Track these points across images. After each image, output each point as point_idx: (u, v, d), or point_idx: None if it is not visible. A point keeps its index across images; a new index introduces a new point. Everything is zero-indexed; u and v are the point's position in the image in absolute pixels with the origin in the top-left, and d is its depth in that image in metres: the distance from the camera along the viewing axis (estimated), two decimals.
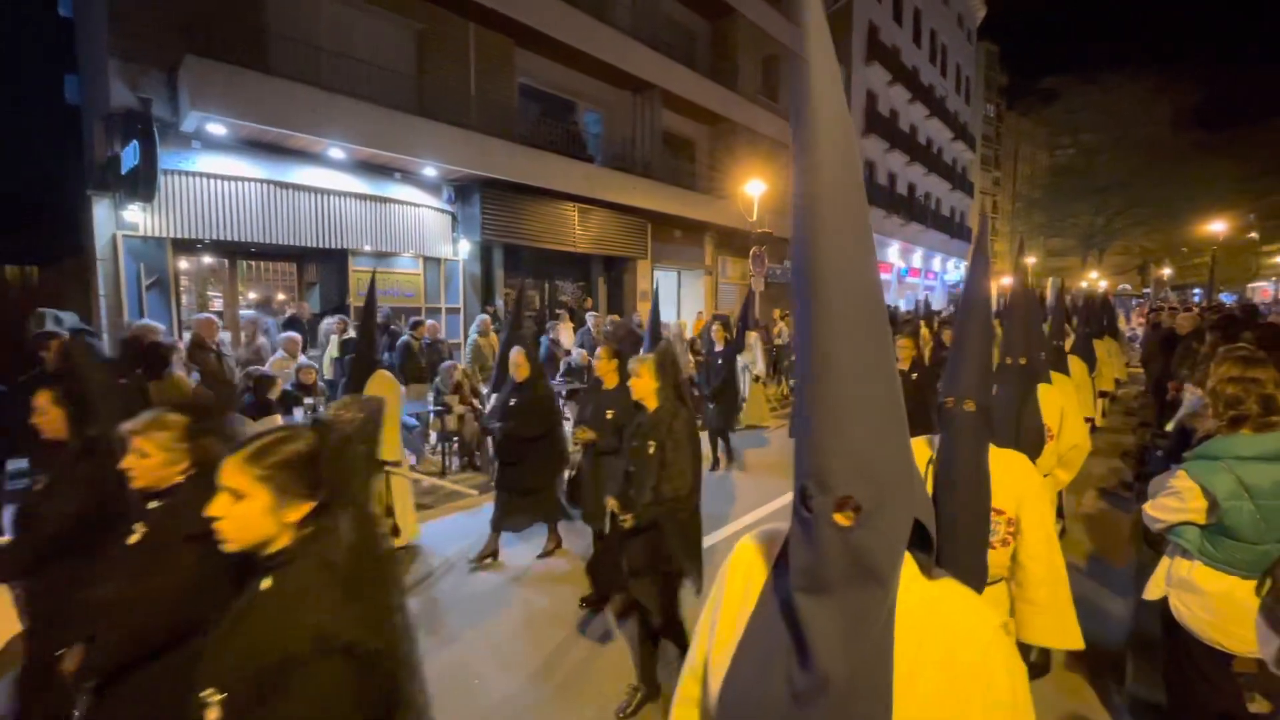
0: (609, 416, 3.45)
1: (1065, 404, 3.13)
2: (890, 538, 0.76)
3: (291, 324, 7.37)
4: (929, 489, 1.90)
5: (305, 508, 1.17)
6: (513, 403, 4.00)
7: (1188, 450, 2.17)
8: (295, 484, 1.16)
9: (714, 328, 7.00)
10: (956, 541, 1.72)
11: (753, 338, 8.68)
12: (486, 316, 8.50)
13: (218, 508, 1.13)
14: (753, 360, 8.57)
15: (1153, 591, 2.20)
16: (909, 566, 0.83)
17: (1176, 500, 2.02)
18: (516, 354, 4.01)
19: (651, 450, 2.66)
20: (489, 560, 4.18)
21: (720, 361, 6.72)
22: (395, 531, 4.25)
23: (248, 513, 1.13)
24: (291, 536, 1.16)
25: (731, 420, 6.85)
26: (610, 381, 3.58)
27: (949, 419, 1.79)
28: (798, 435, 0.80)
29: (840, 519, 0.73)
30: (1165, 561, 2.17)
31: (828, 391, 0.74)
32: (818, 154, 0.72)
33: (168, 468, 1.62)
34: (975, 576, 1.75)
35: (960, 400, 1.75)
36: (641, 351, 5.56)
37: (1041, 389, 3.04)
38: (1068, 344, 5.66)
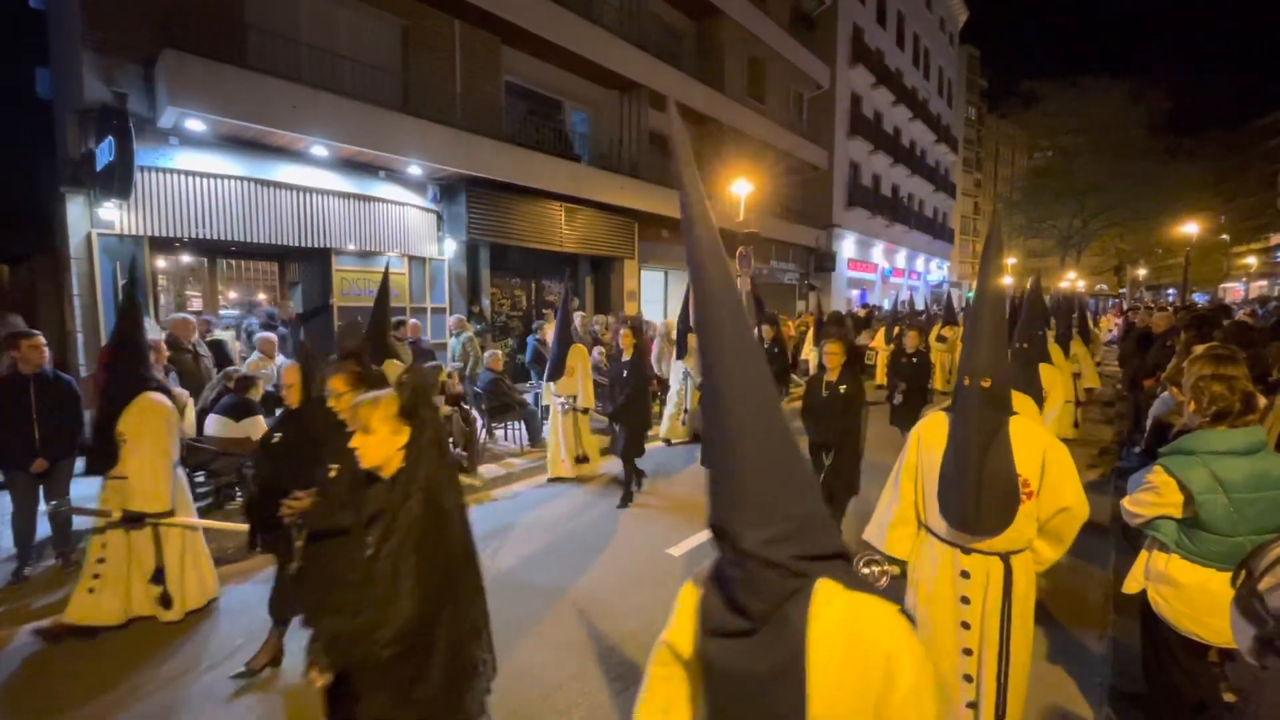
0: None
1: (1048, 449, 2.02)
2: (776, 576, 0.93)
3: (268, 325, 7.25)
4: (948, 457, 2.08)
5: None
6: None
7: (1163, 446, 2.22)
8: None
9: (622, 332, 5.75)
10: (980, 499, 1.92)
11: (694, 342, 8.20)
12: (461, 316, 8.45)
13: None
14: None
15: (1131, 585, 2.25)
16: (828, 587, 0.94)
17: (1154, 495, 2.07)
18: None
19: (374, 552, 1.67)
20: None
21: (626, 373, 5.57)
22: (166, 603, 3.39)
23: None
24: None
25: (636, 447, 5.61)
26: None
27: (966, 395, 1.95)
28: (709, 472, 1.00)
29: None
30: (1143, 555, 2.22)
31: (729, 451, 0.94)
32: (702, 266, 1.00)
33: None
34: (1000, 527, 1.96)
35: (976, 379, 1.92)
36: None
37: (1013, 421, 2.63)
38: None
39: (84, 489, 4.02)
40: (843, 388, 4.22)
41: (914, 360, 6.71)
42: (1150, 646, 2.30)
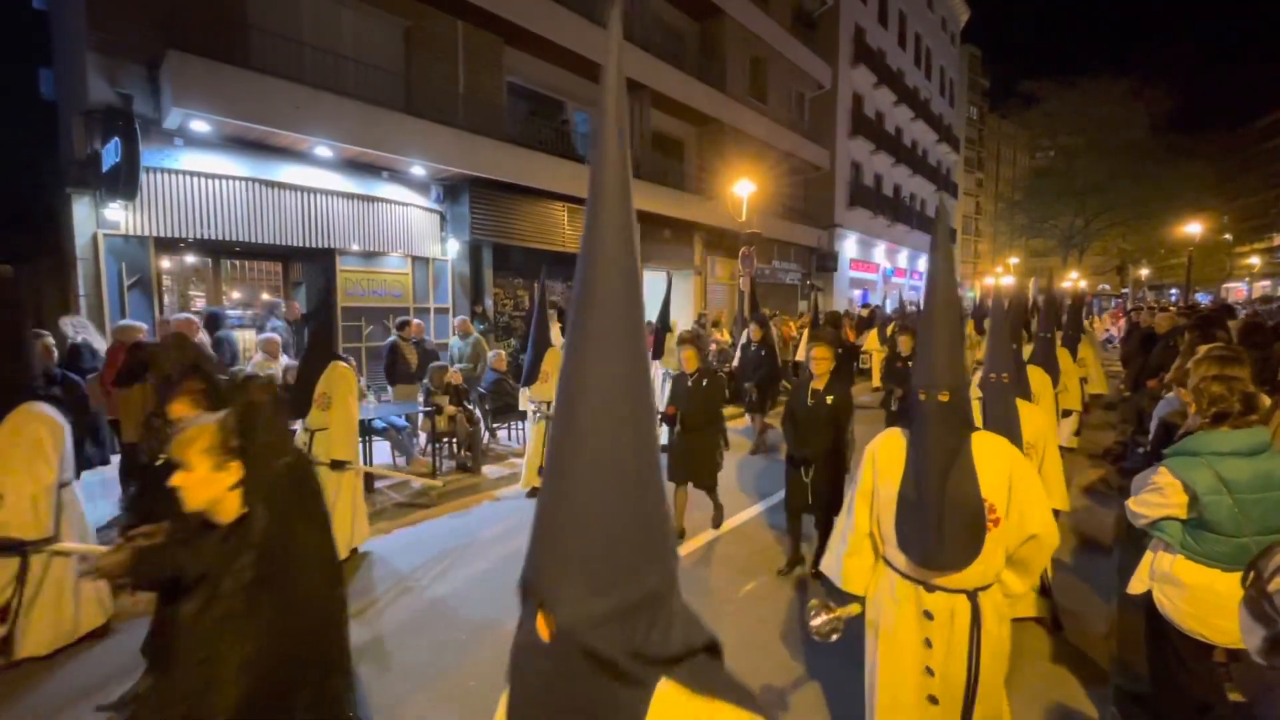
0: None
1: (1014, 469, 1.83)
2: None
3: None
4: (907, 481, 1.84)
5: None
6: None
7: (1168, 447, 2.23)
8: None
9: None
10: (942, 529, 1.71)
11: (674, 340, 7.15)
12: (464, 318, 8.44)
13: None
14: (676, 368, 7.29)
15: (1136, 585, 2.26)
16: (669, 695, 0.70)
17: (1158, 496, 2.07)
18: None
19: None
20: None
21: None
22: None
23: None
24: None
25: None
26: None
27: (923, 411, 1.75)
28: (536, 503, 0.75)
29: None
30: (1149, 556, 2.23)
31: (571, 476, 0.70)
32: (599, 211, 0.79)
33: None
34: (966, 559, 1.74)
35: (933, 392, 1.73)
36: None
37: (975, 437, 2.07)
38: (1026, 351, 5.22)
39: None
40: (830, 398, 3.80)
41: (909, 364, 6.22)
42: (1155, 647, 2.31)
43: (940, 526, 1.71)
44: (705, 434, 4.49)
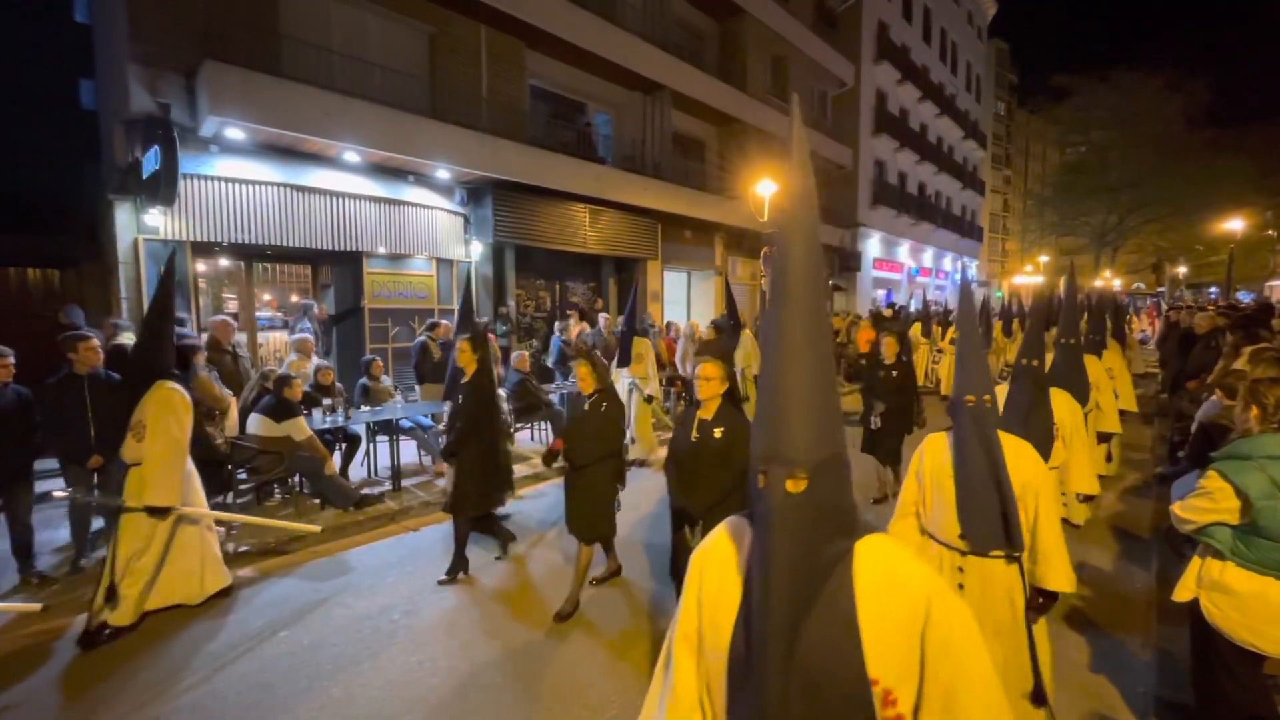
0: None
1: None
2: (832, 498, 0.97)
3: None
4: (953, 480, 2.07)
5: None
6: None
7: (1211, 451, 2.16)
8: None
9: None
10: (1003, 512, 1.93)
11: (643, 346, 6.99)
12: (485, 320, 8.51)
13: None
14: (644, 377, 6.89)
15: (1181, 593, 2.19)
16: (870, 541, 1.02)
17: (1208, 501, 2.01)
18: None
19: None
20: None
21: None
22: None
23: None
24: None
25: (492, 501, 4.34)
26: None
27: (976, 414, 1.93)
28: (755, 425, 1.00)
29: (791, 485, 0.93)
30: (1195, 562, 2.16)
31: (792, 369, 0.95)
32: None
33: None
34: (1016, 542, 1.96)
35: (980, 396, 1.93)
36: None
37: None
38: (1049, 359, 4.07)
39: None
40: (718, 431, 2.77)
41: (893, 373, 5.26)
42: (1200, 656, 2.23)
43: (996, 509, 1.96)
44: (599, 472, 3.56)
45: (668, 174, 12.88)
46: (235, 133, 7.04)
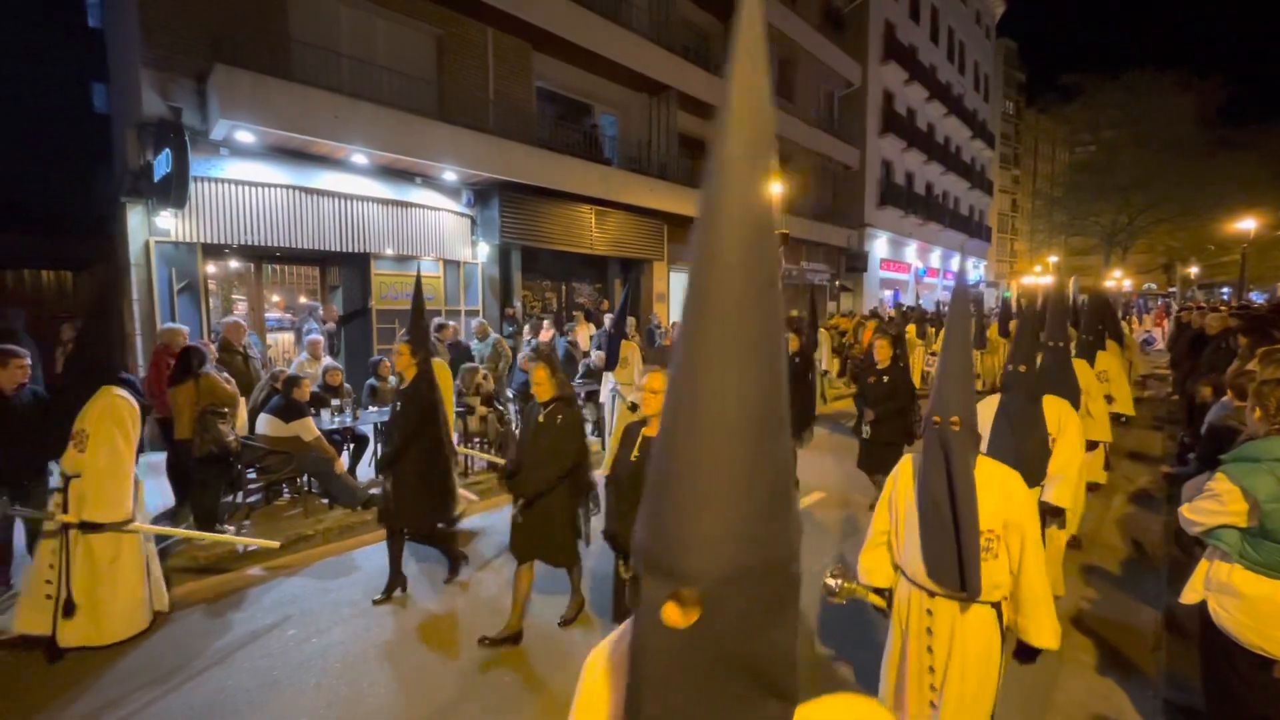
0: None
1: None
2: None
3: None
4: (913, 502, 1.94)
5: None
6: None
7: (1221, 453, 2.14)
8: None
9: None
10: (958, 552, 1.79)
11: (631, 350, 6.91)
12: (483, 321, 8.50)
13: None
14: (628, 382, 6.65)
15: (1189, 596, 2.17)
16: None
17: (1216, 503, 2.00)
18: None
19: None
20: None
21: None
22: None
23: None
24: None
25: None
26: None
27: (938, 436, 1.82)
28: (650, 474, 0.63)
29: (672, 615, 0.59)
30: (1203, 565, 2.14)
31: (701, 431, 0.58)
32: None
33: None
34: (972, 587, 1.81)
35: (947, 417, 1.80)
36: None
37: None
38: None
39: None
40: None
41: (884, 378, 4.87)
42: (1209, 660, 2.22)
43: (950, 542, 1.80)
44: (556, 491, 3.16)
45: (673, 175, 12.89)
46: (245, 136, 7.11)
